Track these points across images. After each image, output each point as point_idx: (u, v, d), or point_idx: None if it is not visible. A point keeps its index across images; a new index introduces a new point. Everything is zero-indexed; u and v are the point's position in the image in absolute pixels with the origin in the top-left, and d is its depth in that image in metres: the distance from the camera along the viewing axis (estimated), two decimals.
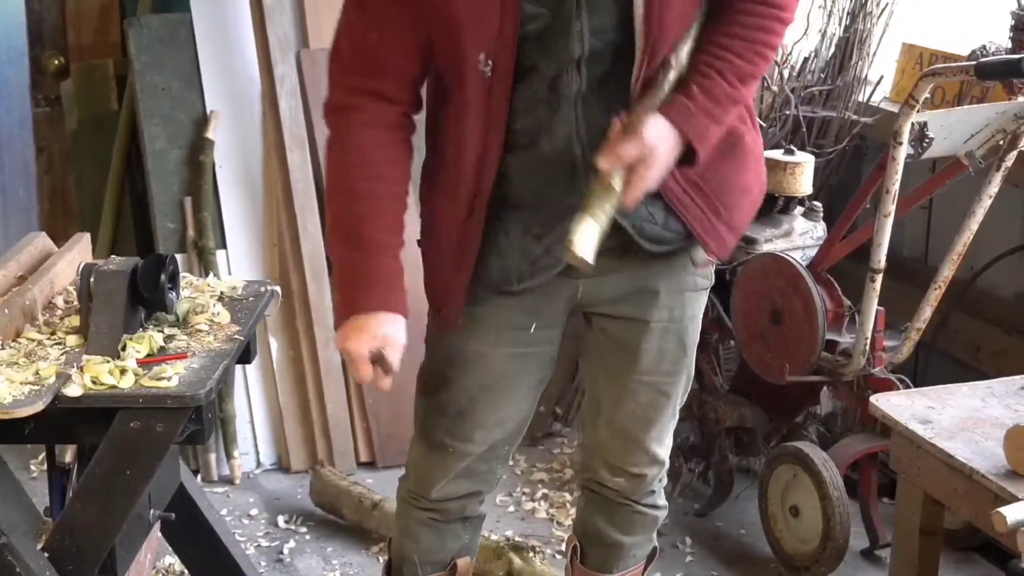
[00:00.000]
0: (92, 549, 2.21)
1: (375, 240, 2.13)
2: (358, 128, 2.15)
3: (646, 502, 2.46)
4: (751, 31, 2.09)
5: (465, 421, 2.32)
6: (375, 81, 2.14)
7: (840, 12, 3.90)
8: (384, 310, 2.13)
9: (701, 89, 2.06)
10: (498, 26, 2.03)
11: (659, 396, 2.34)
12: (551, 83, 2.08)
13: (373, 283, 2.13)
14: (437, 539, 2.47)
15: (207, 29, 3.84)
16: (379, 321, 2.12)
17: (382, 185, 2.15)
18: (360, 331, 2.12)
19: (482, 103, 2.09)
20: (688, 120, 2.05)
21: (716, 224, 2.20)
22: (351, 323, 2.13)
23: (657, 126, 2.03)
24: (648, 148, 2.01)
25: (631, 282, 2.23)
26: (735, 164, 2.20)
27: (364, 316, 2.12)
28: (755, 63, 2.11)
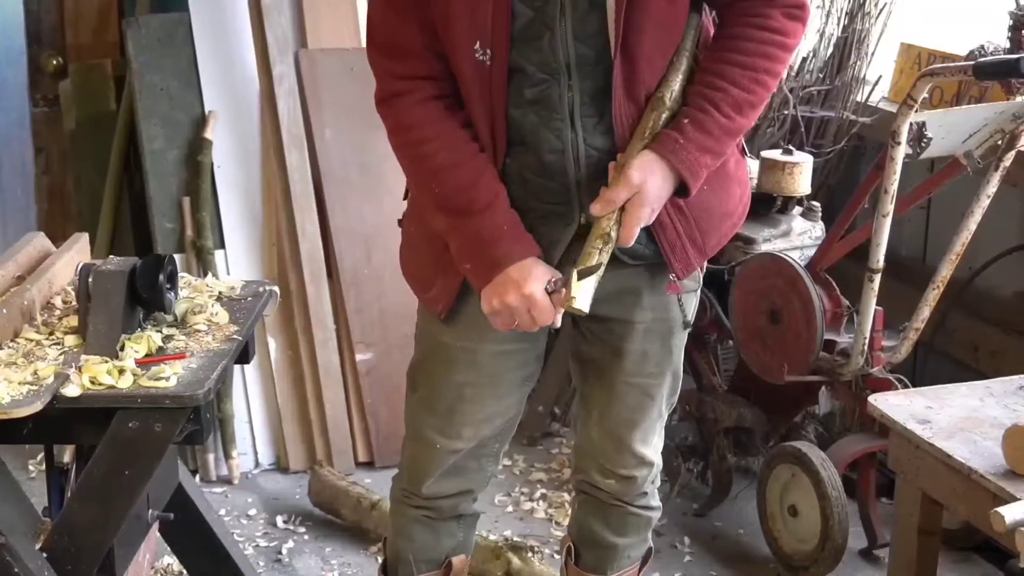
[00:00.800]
0: (90, 549, 2.21)
1: (483, 200, 2.12)
2: (416, 106, 2.14)
3: (639, 503, 2.46)
4: (751, 58, 2.08)
5: (453, 417, 2.33)
6: (412, 63, 2.14)
7: (838, 12, 3.90)
8: (526, 256, 2.11)
9: (692, 122, 2.07)
10: (491, 17, 2.04)
11: (644, 398, 2.34)
12: (542, 88, 2.09)
13: (503, 237, 2.12)
14: (431, 537, 2.47)
15: (205, 29, 3.84)
16: (533, 264, 2.11)
17: (458, 149, 2.13)
18: (525, 276, 2.09)
19: (484, 95, 2.10)
20: (677, 155, 2.06)
21: (688, 248, 2.21)
22: (508, 279, 2.10)
23: (643, 164, 2.05)
24: (636, 188, 2.04)
25: (615, 283, 2.23)
26: (718, 190, 2.21)
27: (515, 267, 2.10)
28: (754, 92, 2.09)
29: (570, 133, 2.11)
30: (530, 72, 2.08)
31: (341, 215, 3.84)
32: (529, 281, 2.08)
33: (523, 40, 2.07)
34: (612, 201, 2.05)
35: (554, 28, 2.06)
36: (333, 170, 3.85)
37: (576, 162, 2.12)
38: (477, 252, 2.13)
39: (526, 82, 2.09)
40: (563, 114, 2.10)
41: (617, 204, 2.05)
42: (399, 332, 3.77)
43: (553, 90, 2.09)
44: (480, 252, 2.13)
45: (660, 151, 2.07)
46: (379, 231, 3.83)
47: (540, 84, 2.09)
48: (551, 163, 2.13)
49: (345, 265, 3.84)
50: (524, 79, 2.09)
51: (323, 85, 3.84)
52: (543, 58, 2.07)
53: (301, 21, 3.86)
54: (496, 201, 2.12)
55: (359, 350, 3.83)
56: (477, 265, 2.14)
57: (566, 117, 2.10)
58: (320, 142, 3.84)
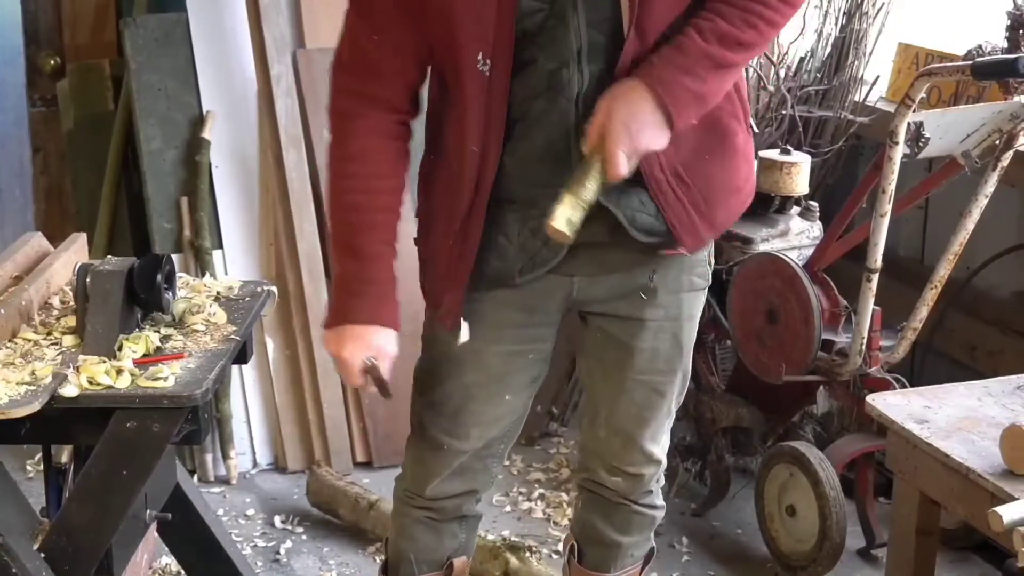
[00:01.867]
0: (88, 549, 2.21)
1: (370, 251, 2.18)
2: (356, 136, 2.17)
3: (644, 502, 2.46)
4: (748, 1, 2.03)
5: (460, 418, 2.33)
6: (374, 85, 2.15)
7: (836, 12, 3.90)
8: (377, 323, 2.18)
9: (672, 44, 2.03)
10: (495, 23, 2.03)
11: (654, 395, 2.34)
12: (550, 77, 2.08)
13: (367, 294, 2.19)
14: (433, 538, 2.47)
15: (203, 29, 3.84)
16: (371, 332, 2.18)
17: (377, 197, 2.18)
18: (354, 340, 2.18)
19: (482, 101, 2.09)
20: (649, 72, 2.02)
21: (694, 219, 2.17)
22: (345, 331, 2.19)
23: (613, 88, 2.03)
24: (604, 111, 2.01)
25: (626, 281, 2.23)
26: (723, 161, 2.19)
27: (358, 326, 2.18)
28: (741, 29, 2.03)
29: (575, 115, 2.09)
30: (540, 62, 2.07)
31: None
32: (352, 344, 2.18)
33: (534, 35, 2.06)
34: (591, 134, 2.02)
35: (567, 18, 2.05)
36: None
37: (578, 143, 2.10)
38: (340, 293, 2.22)
39: (534, 73, 2.08)
40: (570, 95, 2.08)
41: (595, 134, 2.01)
42: None
43: (563, 75, 2.07)
44: (342, 295, 2.22)
45: (636, 72, 2.03)
46: None
47: (550, 72, 2.08)
48: (554, 145, 2.11)
49: None
50: (532, 71, 2.08)
51: (321, 85, 3.84)
52: (555, 48, 2.06)
53: (299, 21, 3.86)
54: (380, 259, 2.18)
55: None
56: (337, 305, 2.23)
57: (572, 98, 2.09)
58: (318, 142, 3.84)
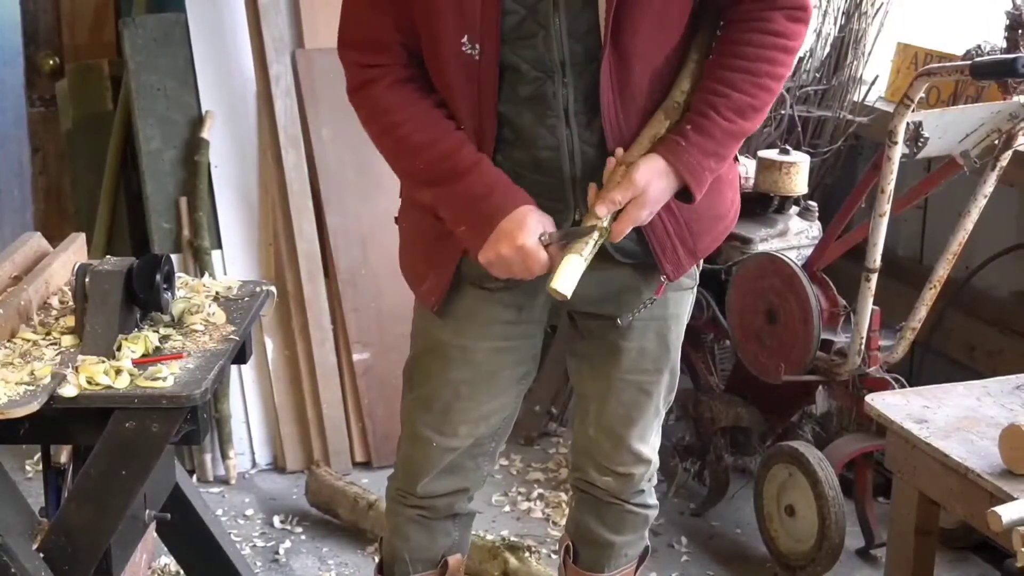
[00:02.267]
0: (87, 550, 2.21)
1: (466, 163, 2.11)
2: (388, 91, 2.15)
3: (636, 501, 2.46)
4: (754, 63, 2.09)
5: (449, 415, 2.33)
6: (382, 56, 2.15)
7: (835, 12, 3.90)
8: (521, 203, 2.10)
9: (695, 127, 2.08)
10: (479, 12, 2.04)
11: (641, 395, 2.34)
12: (537, 86, 2.09)
13: (494, 191, 2.11)
14: (427, 536, 2.47)
15: (202, 29, 3.84)
16: (524, 213, 2.09)
17: (435, 126, 2.14)
18: (519, 227, 2.08)
19: (472, 89, 2.10)
20: (680, 158, 2.07)
21: (679, 250, 2.21)
22: (503, 228, 2.09)
23: (649, 167, 2.06)
24: (639, 190, 2.06)
25: (612, 281, 2.23)
26: (710, 194, 2.19)
27: (509, 217, 2.09)
28: (757, 96, 2.10)
29: (565, 130, 2.11)
30: (524, 70, 2.09)
31: (338, 215, 3.84)
32: (522, 232, 2.07)
33: (516, 38, 2.07)
34: (615, 202, 2.06)
35: (548, 26, 2.06)
36: (330, 170, 3.85)
37: (571, 159, 2.13)
38: (469, 211, 2.12)
39: (520, 80, 2.10)
40: (557, 111, 2.10)
41: (620, 205, 2.07)
42: (396, 332, 3.77)
43: (548, 88, 2.09)
44: (472, 211, 2.12)
45: (664, 154, 2.08)
46: (376, 231, 3.83)
47: (535, 82, 2.09)
48: (546, 160, 2.14)
49: (342, 265, 3.83)
50: (518, 77, 2.09)
51: (320, 85, 3.84)
52: (538, 56, 2.08)
53: (298, 21, 3.86)
54: (480, 162, 2.12)
55: (356, 350, 3.82)
56: (471, 225, 2.13)
57: (560, 114, 2.10)
58: (317, 142, 3.84)
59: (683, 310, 2.35)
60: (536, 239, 2.08)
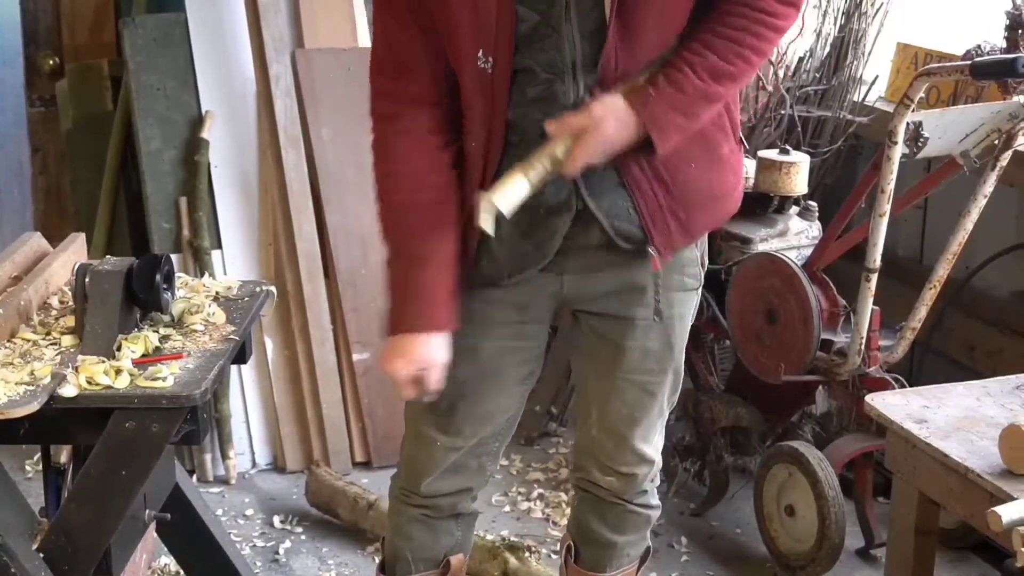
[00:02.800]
0: (87, 550, 2.21)
1: (418, 253, 2.18)
2: (397, 136, 2.18)
3: (638, 502, 2.46)
4: (738, 32, 2.08)
5: (453, 415, 2.33)
6: (411, 82, 2.16)
7: (835, 12, 3.90)
8: (424, 330, 2.18)
9: (667, 78, 2.07)
10: (495, 25, 2.05)
11: (645, 395, 2.34)
12: (547, 87, 2.10)
13: (416, 298, 2.19)
14: (429, 536, 2.47)
15: (202, 29, 3.84)
16: (419, 343, 2.18)
17: (424, 194, 2.17)
18: (402, 355, 2.19)
19: (485, 100, 2.11)
20: (645, 104, 2.06)
21: (669, 223, 2.19)
22: (395, 343, 2.20)
23: (607, 102, 2.06)
24: (593, 120, 2.05)
25: (617, 279, 2.23)
26: (709, 172, 2.19)
27: (407, 336, 2.18)
28: (735, 64, 2.09)
29: None
30: (536, 72, 2.09)
31: (338, 214, 3.84)
32: (399, 361, 2.18)
33: (529, 43, 2.08)
34: (566, 123, 2.05)
35: (560, 29, 2.06)
36: (330, 169, 3.85)
37: None
38: (394, 301, 2.24)
39: (531, 81, 2.10)
40: (566, 105, 2.10)
41: (570, 128, 2.05)
42: None
43: (558, 87, 2.10)
44: (394, 300, 2.24)
45: (628, 97, 2.07)
46: (376, 230, 3.80)
47: (545, 83, 2.10)
48: None
49: (342, 265, 3.83)
50: (530, 79, 2.10)
51: (320, 85, 3.84)
52: (550, 58, 2.08)
53: (298, 21, 3.86)
54: (431, 259, 2.17)
55: (356, 350, 3.82)
56: (390, 314, 2.24)
57: (568, 109, 2.10)
58: (317, 142, 3.84)
59: (688, 310, 2.34)
60: (410, 371, 2.18)
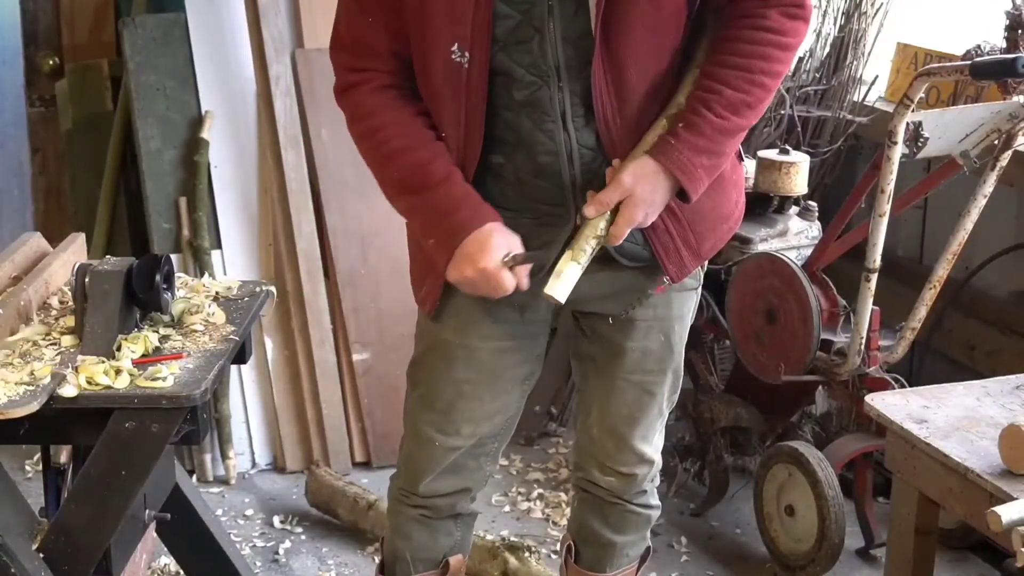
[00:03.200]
0: (87, 550, 2.21)
1: (438, 175, 2.14)
2: (371, 95, 2.18)
3: (638, 502, 2.46)
4: (747, 59, 2.08)
5: (452, 415, 2.33)
6: (373, 61, 2.18)
7: (835, 12, 3.90)
8: (486, 221, 2.12)
9: (686, 125, 2.08)
10: (471, 19, 2.05)
11: (645, 395, 2.34)
12: (532, 92, 2.10)
13: (461, 206, 2.13)
14: (429, 536, 2.47)
15: (202, 29, 3.84)
16: (489, 232, 2.11)
17: (413, 134, 2.16)
18: (481, 248, 2.10)
19: (457, 96, 2.11)
20: (669, 157, 2.07)
21: (682, 251, 2.22)
22: (465, 249, 2.11)
23: (636, 168, 2.07)
24: (626, 190, 2.07)
25: (616, 281, 2.24)
26: (714, 194, 2.20)
27: (471, 238, 2.11)
28: (750, 92, 2.09)
29: (562, 135, 2.12)
30: (519, 75, 2.09)
31: (338, 215, 3.84)
32: (484, 255, 2.09)
33: (511, 43, 2.07)
34: (603, 203, 2.08)
35: (543, 31, 2.06)
36: (329, 170, 3.85)
37: (570, 163, 2.13)
38: (436, 224, 2.15)
39: (515, 85, 2.10)
40: (555, 116, 2.11)
41: (608, 207, 2.08)
42: (396, 332, 3.77)
43: (543, 93, 2.10)
44: (439, 224, 2.15)
45: (653, 154, 2.08)
46: (375, 231, 3.83)
47: (530, 87, 2.10)
48: (546, 165, 2.14)
49: (342, 265, 3.83)
50: (512, 82, 2.10)
51: (320, 85, 3.84)
52: (533, 60, 2.08)
53: (297, 21, 3.87)
54: (451, 176, 2.14)
55: (356, 350, 3.82)
56: (439, 238, 2.16)
57: (558, 119, 2.11)
58: (316, 142, 3.84)
59: (687, 311, 2.35)
60: (498, 261, 2.10)
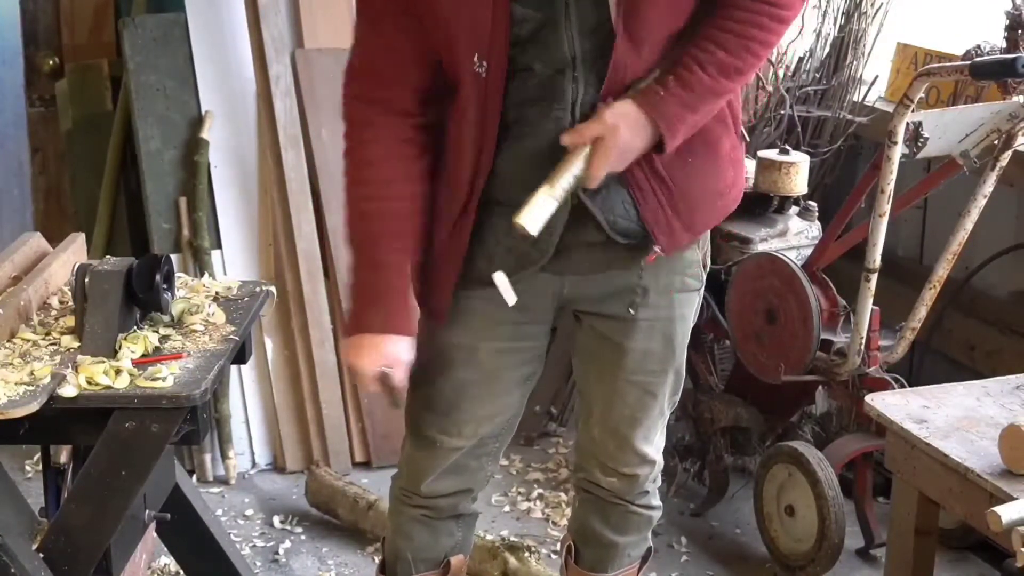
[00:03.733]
0: (87, 550, 2.21)
1: (384, 260, 2.19)
2: (370, 143, 2.18)
3: (640, 502, 2.46)
4: (742, 25, 2.08)
5: (453, 415, 2.33)
6: (385, 90, 2.16)
7: (835, 12, 3.90)
8: (390, 331, 2.20)
9: (676, 77, 2.08)
10: (490, 29, 2.05)
11: (646, 396, 2.34)
12: (546, 84, 2.10)
13: (381, 303, 2.20)
14: (430, 536, 2.47)
15: (202, 29, 3.84)
16: (385, 342, 2.19)
17: (392, 204, 2.18)
18: (368, 350, 2.20)
19: (479, 102, 2.11)
20: (655, 105, 2.07)
21: (671, 220, 2.19)
22: (359, 340, 2.21)
23: (619, 107, 2.07)
24: (608, 127, 2.06)
25: (618, 280, 2.23)
26: (707, 166, 2.19)
27: (371, 336, 2.19)
28: (742, 57, 2.09)
29: (570, 123, 2.11)
30: (537, 70, 2.09)
31: (338, 214, 3.83)
32: (366, 355, 2.19)
33: (530, 42, 2.07)
34: (580, 134, 2.07)
35: (559, 24, 2.06)
36: (329, 169, 3.84)
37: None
38: (355, 301, 2.24)
39: (531, 78, 2.10)
40: (565, 104, 2.10)
41: (585, 138, 2.06)
42: None
43: (558, 82, 2.09)
44: (357, 303, 2.23)
45: (639, 100, 2.08)
46: None
47: (543, 78, 2.10)
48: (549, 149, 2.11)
49: (342, 265, 3.83)
50: (530, 76, 2.10)
51: (319, 85, 3.84)
52: (550, 55, 2.08)
53: (297, 21, 3.86)
54: (395, 267, 2.19)
55: None
56: (352, 313, 2.24)
57: (567, 106, 2.10)
58: (316, 142, 3.84)
59: (689, 311, 2.34)
60: (375, 369, 2.19)
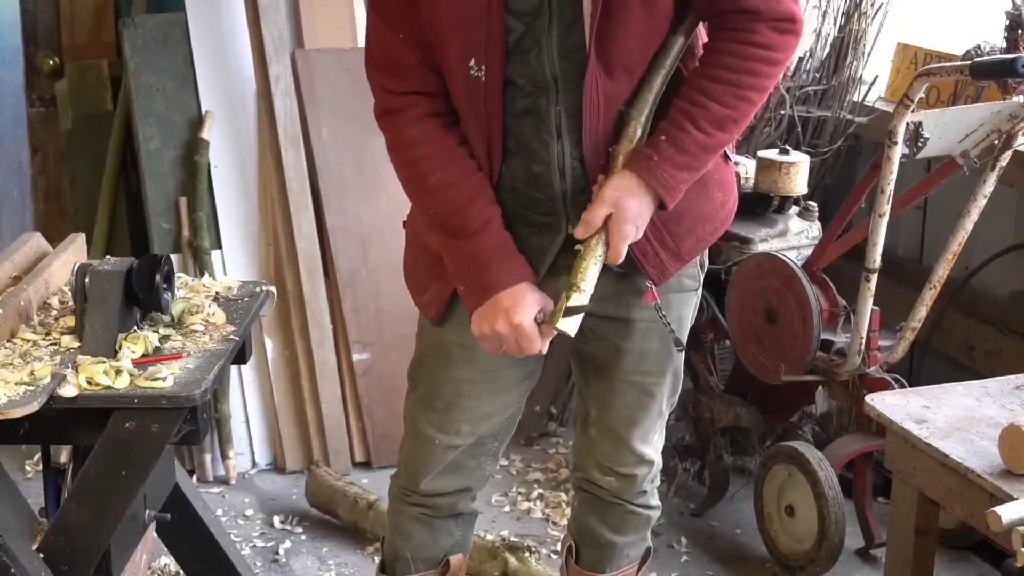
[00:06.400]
0: (87, 550, 2.21)
1: (476, 222, 2.14)
2: (413, 124, 2.17)
3: (638, 502, 2.46)
4: (736, 74, 2.07)
5: (452, 414, 2.34)
6: (408, 81, 2.17)
7: (835, 12, 3.90)
8: (522, 280, 2.14)
9: (668, 139, 2.08)
10: (484, 36, 2.06)
11: (643, 396, 2.34)
12: (531, 103, 2.11)
13: (495, 261, 2.14)
14: (429, 535, 2.47)
15: (202, 29, 3.85)
16: (524, 290, 2.13)
17: (454, 169, 2.16)
18: (515, 306, 2.12)
19: (477, 109, 2.12)
20: (651, 172, 2.08)
21: (660, 253, 2.21)
22: (495, 304, 2.13)
23: (618, 184, 2.08)
24: (612, 206, 2.08)
25: (615, 281, 2.24)
26: (692, 194, 2.18)
27: (507, 292, 2.13)
28: (736, 108, 2.08)
29: (557, 146, 2.13)
30: (520, 85, 2.11)
31: (338, 215, 3.84)
32: (518, 310, 2.12)
33: (515, 54, 2.09)
34: (590, 223, 2.09)
35: (542, 42, 2.07)
36: (329, 170, 3.85)
37: (562, 174, 2.14)
38: (469, 275, 2.16)
39: (518, 94, 2.11)
40: (550, 127, 2.12)
41: (596, 225, 2.08)
42: (396, 332, 3.78)
43: (541, 103, 2.11)
44: (472, 275, 2.16)
45: (635, 169, 2.09)
46: (376, 230, 3.83)
47: (529, 96, 2.11)
48: (539, 174, 2.15)
49: (342, 265, 3.84)
50: (516, 91, 2.11)
51: (319, 85, 3.84)
52: (531, 71, 2.09)
53: (297, 21, 3.86)
54: (489, 224, 2.15)
55: (356, 350, 3.83)
56: (469, 288, 2.17)
57: (552, 130, 2.12)
58: (316, 142, 3.84)
59: (687, 312, 2.35)
60: (532, 318, 2.12)
